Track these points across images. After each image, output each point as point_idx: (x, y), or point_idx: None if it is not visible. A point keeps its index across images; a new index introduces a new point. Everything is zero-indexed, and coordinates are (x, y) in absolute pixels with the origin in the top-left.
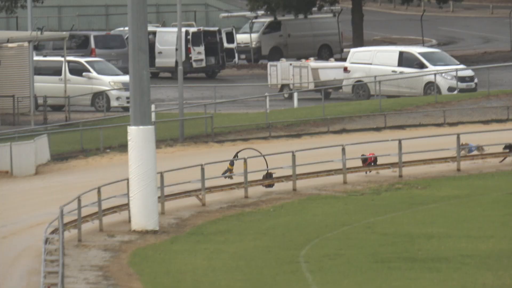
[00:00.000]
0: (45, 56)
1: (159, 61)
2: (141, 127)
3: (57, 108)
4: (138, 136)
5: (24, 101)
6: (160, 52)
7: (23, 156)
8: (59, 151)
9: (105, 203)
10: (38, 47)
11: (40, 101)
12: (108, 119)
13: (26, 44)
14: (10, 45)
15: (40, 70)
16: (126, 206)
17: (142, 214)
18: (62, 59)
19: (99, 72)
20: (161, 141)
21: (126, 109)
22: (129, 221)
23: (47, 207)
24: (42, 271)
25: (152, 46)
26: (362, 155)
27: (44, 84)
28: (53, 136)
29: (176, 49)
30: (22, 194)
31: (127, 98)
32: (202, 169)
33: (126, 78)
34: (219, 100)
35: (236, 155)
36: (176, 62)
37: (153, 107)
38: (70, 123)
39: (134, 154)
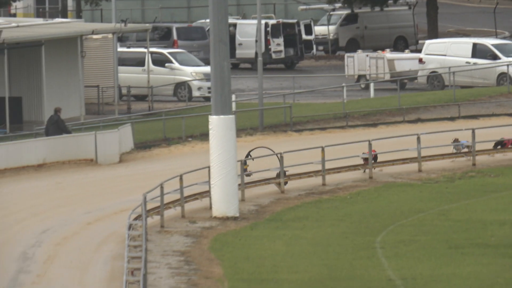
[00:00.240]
0: (128, 47)
1: (240, 53)
2: (222, 116)
3: (141, 98)
4: (219, 125)
5: (109, 91)
6: (240, 44)
7: (108, 145)
8: (142, 139)
9: (187, 190)
10: (122, 39)
11: (124, 91)
12: (190, 108)
13: (110, 35)
14: (94, 36)
15: (124, 61)
16: (207, 193)
17: (223, 201)
18: (145, 50)
19: (181, 63)
20: (241, 130)
21: (207, 99)
22: (210, 207)
23: (130, 194)
24: (126, 256)
25: (232, 37)
26: (363, 153)
27: (128, 75)
28: (137, 125)
29: (256, 41)
30: (106, 182)
31: (209, 88)
32: (281, 158)
33: (207, 69)
34: (297, 90)
35: (248, 155)
36: (256, 54)
37: (233, 97)
38: (153, 112)
39: (215, 143)
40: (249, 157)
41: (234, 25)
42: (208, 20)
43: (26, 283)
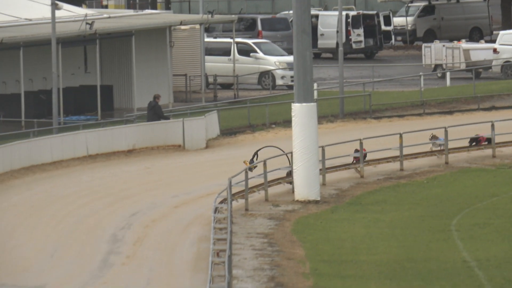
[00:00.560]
0: (215, 37)
1: (321, 43)
2: (304, 104)
3: (226, 86)
4: (301, 112)
5: (196, 79)
6: (322, 34)
7: (195, 131)
8: (228, 126)
9: (270, 175)
10: (208, 29)
11: (211, 79)
12: (274, 96)
13: (197, 26)
14: (183, 27)
15: (211, 50)
16: (289, 178)
17: (305, 185)
18: (231, 40)
19: (265, 53)
20: (322, 117)
21: (290, 87)
22: (293, 191)
23: (216, 178)
24: (212, 238)
25: (314, 28)
26: (355, 150)
27: (214, 64)
28: (223, 112)
29: (337, 32)
30: (193, 167)
31: (291, 77)
32: (361, 143)
33: (290, 58)
34: (376, 79)
35: (255, 154)
36: (337, 44)
37: (315, 85)
38: (238, 100)
39: (298, 129)
40: (257, 156)
41: (316, 17)
42: (291, 12)
43: (116, 264)
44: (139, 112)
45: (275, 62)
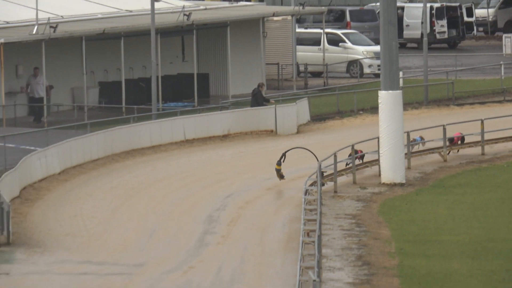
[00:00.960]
0: (306, 28)
1: (407, 33)
2: (390, 91)
3: (316, 74)
4: (387, 99)
5: (287, 68)
6: (407, 25)
7: (286, 117)
8: (317, 112)
9: (358, 159)
10: (300, 20)
11: (302, 68)
12: (361, 84)
13: (289, 17)
14: (275, 18)
15: (302, 40)
16: (376, 162)
17: (391, 169)
18: (321, 31)
19: (353, 43)
20: (407, 104)
21: (377, 75)
22: (379, 175)
23: (306, 162)
24: (302, 219)
25: (400, 19)
26: (349, 152)
27: (305, 53)
28: (313, 99)
29: (422, 23)
30: (284, 151)
31: (378, 66)
32: (444, 129)
33: (377, 48)
34: (459, 67)
35: (283, 156)
36: (422, 34)
37: (400, 73)
38: (327, 87)
39: (384, 116)
40: (284, 158)
41: (402, 8)
42: (378, 4)
43: (211, 243)
44: (234, 99)
45: (363, 51)
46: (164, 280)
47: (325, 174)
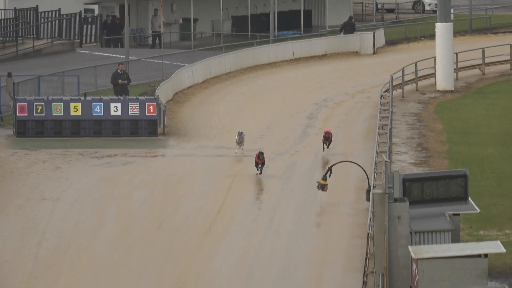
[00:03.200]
0: None
1: None
2: (444, 23)
3: (390, 10)
4: (442, 29)
5: (369, 5)
6: None
7: (367, 42)
8: (390, 38)
9: (420, 72)
10: None
11: (379, 6)
12: (423, 18)
13: None
14: None
15: None
16: (433, 74)
17: (443, 80)
18: None
19: None
20: (456, 32)
21: (434, 11)
22: (435, 84)
23: (382, 75)
24: (378, 116)
25: None
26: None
27: None
28: (387, 29)
29: None
30: (366, 67)
31: (435, 5)
32: (483, 51)
33: None
34: (495, 5)
35: (329, 170)
36: None
37: (452, 10)
38: (398, 20)
39: (439, 41)
40: (330, 173)
41: None
42: None
43: (311, 134)
44: (329, 28)
45: None
46: (277, 160)
47: (394, 84)
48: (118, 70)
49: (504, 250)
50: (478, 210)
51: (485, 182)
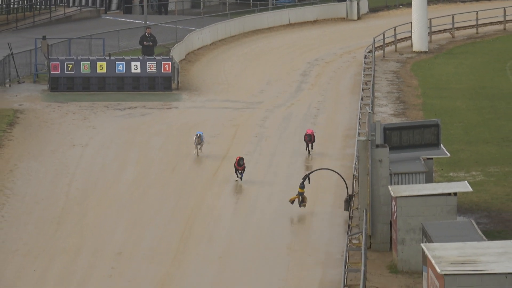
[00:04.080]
0: None
1: None
2: None
3: None
4: None
5: None
6: None
7: (352, 9)
8: (373, 6)
9: (398, 36)
10: None
11: None
12: None
13: None
14: None
15: None
16: (409, 37)
17: (419, 42)
18: None
19: None
20: (430, 1)
21: None
22: (411, 46)
23: (365, 38)
24: (362, 74)
25: None
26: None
27: None
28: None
29: None
30: (352, 31)
31: None
32: (453, 17)
33: None
34: None
35: (307, 177)
36: None
37: None
38: None
39: (415, 9)
40: (307, 180)
41: None
42: None
43: (305, 89)
44: None
45: None
46: (275, 112)
47: (376, 46)
48: (146, 33)
49: (471, 189)
50: (449, 155)
51: (455, 131)
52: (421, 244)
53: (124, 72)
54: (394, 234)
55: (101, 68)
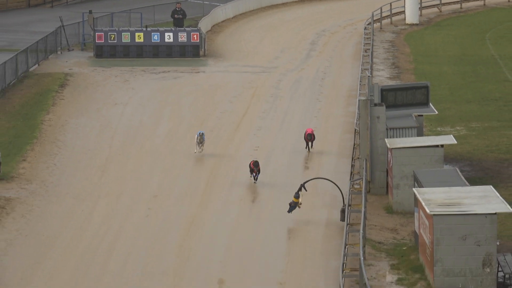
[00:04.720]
0: None
1: None
2: None
3: None
4: None
5: None
6: None
7: None
8: None
9: (393, 10)
10: None
11: None
12: None
13: None
14: None
15: None
16: (403, 12)
17: (411, 15)
18: None
19: None
20: None
21: None
22: (405, 19)
23: (365, 12)
24: (362, 43)
25: None
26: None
27: None
28: None
29: None
30: (353, 6)
31: None
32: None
33: None
34: None
35: (302, 187)
36: None
37: None
38: None
39: None
40: (303, 188)
41: None
42: None
43: (313, 56)
44: None
45: None
46: (288, 75)
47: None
48: (176, 8)
49: (456, 142)
50: (436, 112)
51: (442, 92)
52: (413, 189)
53: (159, 41)
54: (390, 180)
55: (139, 38)
